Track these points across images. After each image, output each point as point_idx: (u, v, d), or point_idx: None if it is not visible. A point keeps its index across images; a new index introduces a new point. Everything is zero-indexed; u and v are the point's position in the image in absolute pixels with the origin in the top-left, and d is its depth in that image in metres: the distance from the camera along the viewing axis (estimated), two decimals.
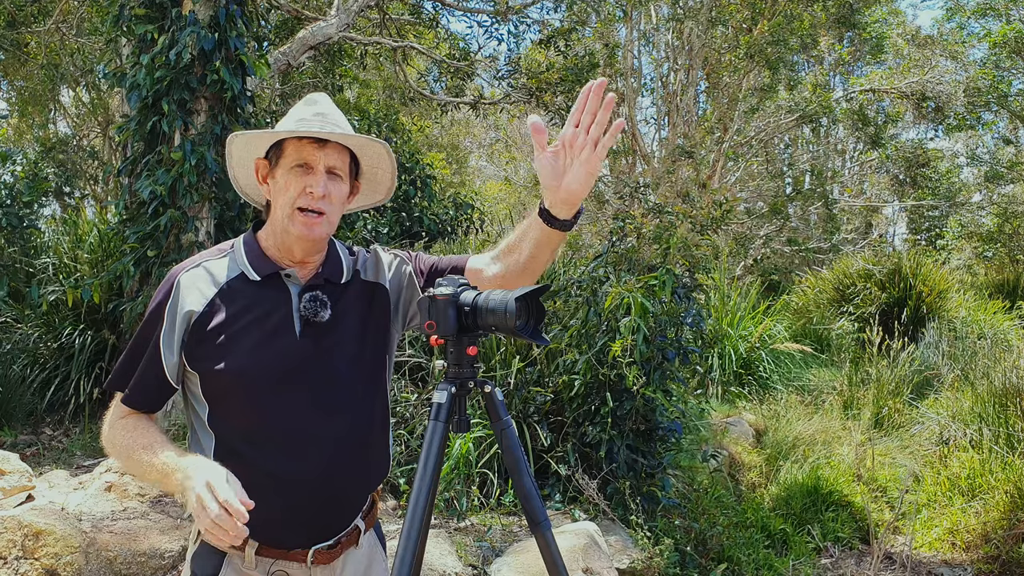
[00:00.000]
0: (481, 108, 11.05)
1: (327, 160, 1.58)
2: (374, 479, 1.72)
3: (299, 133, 1.57)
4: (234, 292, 1.59)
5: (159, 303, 1.59)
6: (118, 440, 1.58)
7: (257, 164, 1.65)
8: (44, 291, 6.03)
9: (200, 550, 1.59)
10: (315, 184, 1.56)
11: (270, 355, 1.56)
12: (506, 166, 21.93)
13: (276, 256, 1.63)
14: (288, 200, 1.57)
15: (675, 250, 4.51)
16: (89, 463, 4.85)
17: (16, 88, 14.33)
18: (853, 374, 7.63)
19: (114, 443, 1.60)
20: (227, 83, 5.51)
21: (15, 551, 3.03)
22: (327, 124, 1.59)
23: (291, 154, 1.58)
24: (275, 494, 1.53)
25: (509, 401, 4.49)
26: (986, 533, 4.72)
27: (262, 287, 1.61)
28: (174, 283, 1.59)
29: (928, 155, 16.76)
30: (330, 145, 1.59)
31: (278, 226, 1.61)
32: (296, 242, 1.60)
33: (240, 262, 1.63)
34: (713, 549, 4.25)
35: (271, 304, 1.60)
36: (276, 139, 1.60)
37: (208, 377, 1.57)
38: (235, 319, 1.57)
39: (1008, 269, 14.90)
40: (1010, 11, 16.51)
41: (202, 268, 1.61)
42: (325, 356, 1.61)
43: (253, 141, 1.64)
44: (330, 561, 1.63)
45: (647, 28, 14.83)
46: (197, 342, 1.56)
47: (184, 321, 1.57)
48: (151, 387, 1.59)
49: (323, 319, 1.60)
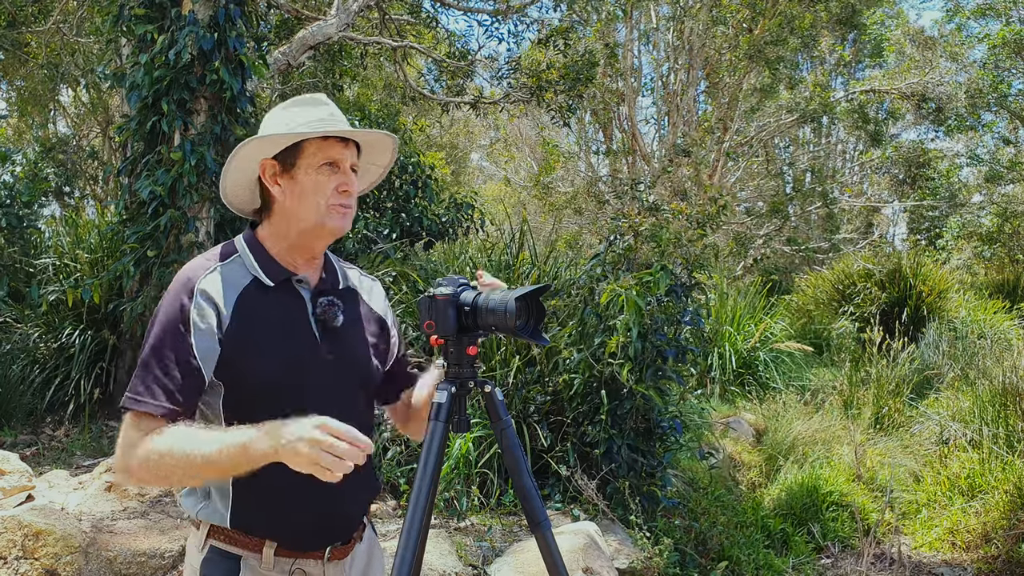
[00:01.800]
0: (481, 107, 11.05)
1: (351, 157, 1.62)
2: (375, 477, 1.78)
3: (335, 132, 1.58)
4: (253, 299, 1.57)
5: (182, 310, 1.51)
6: (157, 450, 1.43)
7: (264, 165, 1.60)
8: (44, 291, 6.03)
9: (211, 556, 1.57)
10: (350, 182, 1.60)
11: (295, 362, 1.56)
12: (505, 165, 21.94)
13: (283, 258, 1.62)
14: (322, 198, 1.57)
15: (668, 246, 4.51)
16: (89, 463, 4.85)
17: (16, 88, 14.32)
18: (853, 374, 7.63)
19: (150, 459, 1.43)
20: (226, 83, 5.51)
21: (15, 551, 3.03)
22: (343, 124, 1.62)
23: (316, 153, 1.57)
24: (300, 497, 1.54)
25: (509, 401, 4.49)
26: (986, 533, 4.72)
27: (276, 292, 1.60)
28: (194, 289, 1.53)
29: (928, 155, 16.76)
30: (351, 143, 1.62)
31: (303, 224, 1.58)
32: (327, 238, 1.62)
33: (251, 267, 1.60)
34: (713, 549, 4.25)
35: (288, 310, 1.60)
36: (305, 139, 1.59)
37: (234, 386, 1.54)
38: (258, 327, 1.55)
39: (1008, 269, 14.91)
40: (1009, 12, 16.50)
41: (218, 273, 1.57)
42: (342, 359, 1.62)
43: (267, 142, 1.59)
44: (343, 557, 1.66)
45: (647, 28, 14.83)
46: (224, 351, 1.52)
47: (213, 329, 1.52)
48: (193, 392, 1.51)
49: (339, 323, 1.62)
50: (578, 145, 17.64)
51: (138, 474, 1.47)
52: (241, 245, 1.63)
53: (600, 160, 17.29)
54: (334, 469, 1.31)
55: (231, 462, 1.39)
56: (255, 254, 1.61)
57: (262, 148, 1.60)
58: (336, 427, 1.33)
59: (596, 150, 16.74)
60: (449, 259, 6.64)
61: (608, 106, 13.70)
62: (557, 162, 15.88)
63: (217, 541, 1.58)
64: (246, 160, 1.62)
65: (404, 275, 5.87)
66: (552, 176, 15.85)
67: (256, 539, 1.57)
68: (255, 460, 1.37)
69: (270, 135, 1.59)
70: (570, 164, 17.32)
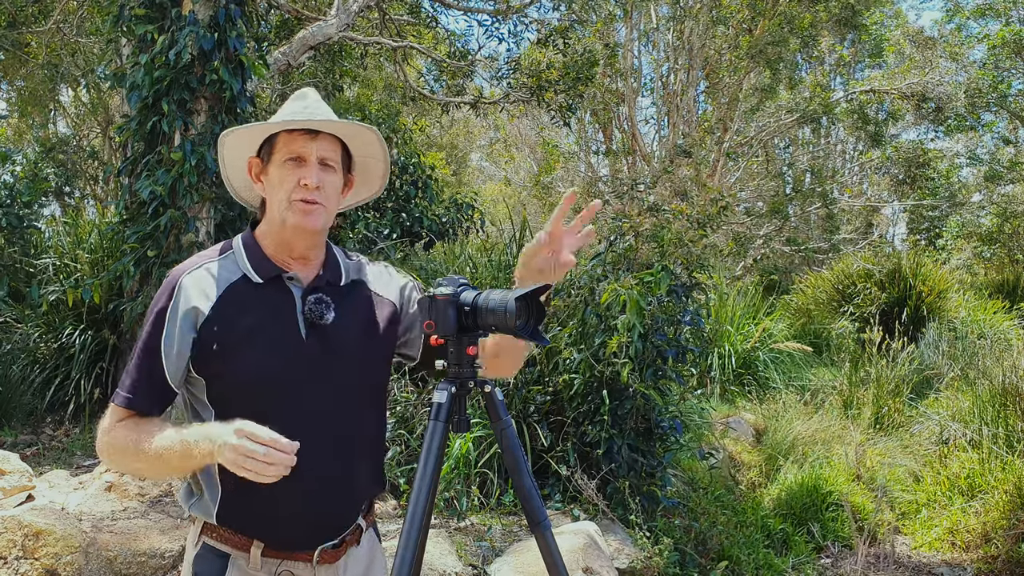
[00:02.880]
0: (481, 107, 11.05)
1: (319, 151, 1.57)
2: (375, 478, 1.74)
3: (288, 125, 1.56)
4: (238, 295, 1.57)
5: (161, 307, 1.55)
6: (119, 440, 1.53)
7: (250, 163, 1.63)
8: (44, 291, 6.03)
9: (203, 552, 1.58)
10: (308, 175, 1.54)
11: (277, 359, 1.55)
12: (505, 165, 21.95)
13: (276, 256, 1.61)
14: (284, 194, 1.55)
15: (669, 246, 4.51)
16: (89, 463, 4.85)
17: (16, 88, 14.33)
18: (853, 374, 7.63)
19: (114, 445, 1.54)
20: (226, 83, 5.52)
21: (15, 551, 3.04)
22: (316, 116, 1.59)
23: (282, 148, 1.57)
24: (285, 495, 1.52)
25: (509, 401, 4.49)
26: (986, 533, 4.72)
27: (264, 289, 1.59)
28: (176, 285, 1.56)
29: (928, 155, 16.77)
30: (322, 136, 1.57)
31: (276, 223, 1.59)
32: (294, 234, 1.58)
33: (242, 264, 1.60)
34: (713, 548, 4.25)
35: (274, 307, 1.58)
36: (267, 134, 1.59)
37: (214, 383, 1.55)
38: (240, 323, 1.55)
39: (1008, 269, 14.91)
40: (1009, 12, 16.51)
41: (203, 270, 1.58)
42: (331, 357, 1.59)
43: (245, 139, 1.62)
44: (335, 560, 1.63)
45: (647, 28, 14.83)
46: (203, 347, 1.53)
47: (190, 325, 1.54)
48: (153, 390, 1.56)
49: (328, 321, 1.59)
50: (578, 145, 17.63)
51: (107, 457, 1.58)
52: (237, 243, 1.64)
53: (600, 160, 17.29)
54: (261, 472, 1.34)
55: (179, 459, 1.46)
56: (248, 251, 1.62)
57: (243, 145, 1.63)
58: (253, 431, 1.36)
59: (596, 150, 16.74)
60: (449, 259, 6.64)
61: (608, 106, 13.70)
62: (557, 162, 15.89)
63: (209, 538, 1.58)
64: (239, 157, 1.65)
65: None
66: (552, 176, 15.86)
67: (244, 538, 1.56)
68: (198, 459, 1.43)
69: (236, 128, 1.62)
70: (570, 164, 17.32)
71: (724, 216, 5.51)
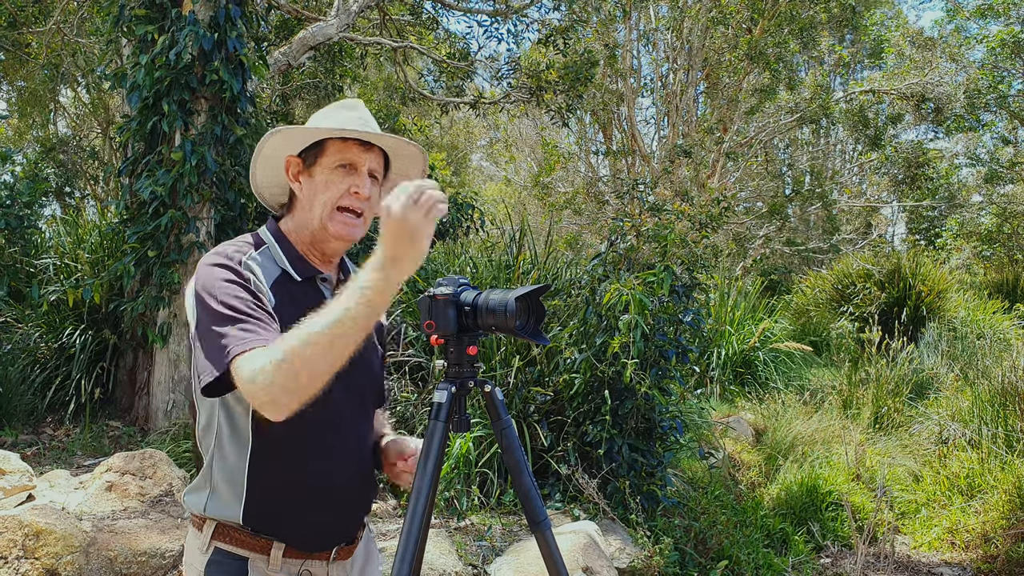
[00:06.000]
0: (481, 108, 11.06)
1: (371, 163, 1.60)
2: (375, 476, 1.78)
3: (353, 133, 1.57)
4: (284, 290, 1.57)
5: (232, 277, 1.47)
6: (277, 354, 1.33)
7: (288, 161, 1.63)
8: (44, 291, 6.04)
9: (217, 558, 1.53)
10: (361, 184, 1.57)
11: None
12: (505, 166, 21.96)
13: (308, 256, 1.63)
14: (330, 198, 1.56)
15: (672, 247, 4.52)
16: (90, 463, 4.85)
17: (16, 88, 14.33)
18: (853, 374, 7.64)
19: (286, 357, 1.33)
20: (227, 83, 5.52)
21: (16, 551, 3.04)
22: (373, 129, 1.61)
23: (335, 153, 1.58)
24: (316, 495, 1.53)
25: (509, 401, 4.50)
26: (985, 533, 4.73)
27: (303, 287, 1.60)
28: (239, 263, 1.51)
29: (927, 156, 16.78)
30: (374, 149, 1.61)
31: (312, 224, 1.59)
32: (331, 241, 1.59)
33: (279, 260, 1.60)
34: (713, 548, 4.26)
35: (313, 307, 1.54)
36: (324, 137, 1.60)
37: None
38: (288, 318, 1.49)
39: (1007, 269, 14.92)
40: (1009, 12, 16.51)
41: (251, 259, 1.55)
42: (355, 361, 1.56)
43: (296, 138, 1.61)
44: (347, 557, 1.66)
45: (647, 28, 14.84)
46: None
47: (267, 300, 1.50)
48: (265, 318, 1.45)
49: None
50: (578, 145, 17.64)
51: (281, 380, 1.33)
52: (268, 237, 1.63)
53: (600, 160, 17.30)
54: (443, 200, 1.36)
55: (368, 308, 1.34)
56: (283, 248, 1.61)
57: (287, 143, 1.62)
58: (405, 188, 1.37)
59: (596, 150, 16.75)
60: (449, 259, 6.65)
61: (608, 106, 13.72)
62: (557, 162, 15.89)
63: (222, 542, 1.53)
64: (274, 154, 1.63)
65: None
66: (552, 176, 15.86)
67: (264, 540, 1.53)
68: (387, 289, 1.35)
69: (291, 128, 1.60)
70: (570, 164, 17.32)
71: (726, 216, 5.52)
